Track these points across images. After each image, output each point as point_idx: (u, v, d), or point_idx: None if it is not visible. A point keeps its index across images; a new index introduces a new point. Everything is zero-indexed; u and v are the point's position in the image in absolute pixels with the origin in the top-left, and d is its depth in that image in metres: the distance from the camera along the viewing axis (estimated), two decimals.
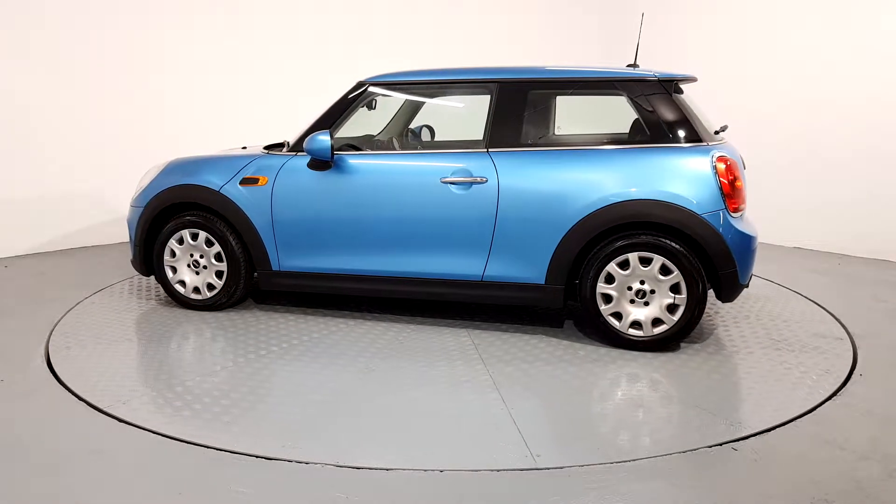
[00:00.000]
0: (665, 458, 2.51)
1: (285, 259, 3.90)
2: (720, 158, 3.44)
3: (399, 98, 4.32)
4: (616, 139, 3.94)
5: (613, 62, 6.49)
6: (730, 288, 3.48)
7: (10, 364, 3.32)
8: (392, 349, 3.58)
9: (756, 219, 4.03)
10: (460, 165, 3.63)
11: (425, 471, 2.40)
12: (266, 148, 4.08)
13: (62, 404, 2.90)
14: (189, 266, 4.08)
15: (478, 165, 3.61)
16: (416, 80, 3.92)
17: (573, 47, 7.88)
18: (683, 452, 2.54)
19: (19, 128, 5.41)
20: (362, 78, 4.24)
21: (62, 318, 4.00)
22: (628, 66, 4.09)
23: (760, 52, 6.59)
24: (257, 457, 2.48)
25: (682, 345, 3.64)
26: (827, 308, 4.37)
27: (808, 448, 2.58)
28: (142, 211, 4.05)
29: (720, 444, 2.60)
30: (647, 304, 3.50)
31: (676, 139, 3.53)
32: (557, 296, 3.61)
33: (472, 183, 3.59)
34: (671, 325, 3.48)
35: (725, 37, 6.89)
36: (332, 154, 3.66)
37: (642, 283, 3.48)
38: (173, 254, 4.07)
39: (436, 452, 2.53)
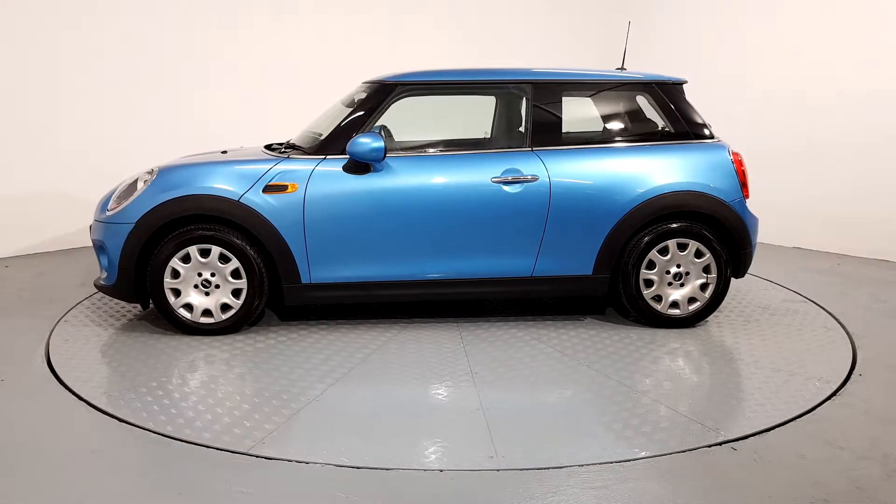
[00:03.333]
0: (665, 458, 2.51)
1: (318, 270, 3.64)
2: (734, 152, 3.93)
3: (429, 98, 4.17)
4: (644, 136, 4.00)
5: (609, 63, 6.49)
6: (745, 265, 3.96)
7: (10, 364, 3.32)
8: (471, 355, 3.48)
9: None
10: (509, 165, 3.69)
11: (425, 470, 2.40)
12: (266, 148, 4.05)
13: (62, 404, 2.90)
14: (196, 287, 3.63)
15: (526, 164, 3.70)
16: (446, 80, 3.90)
17: (573, 48, 7.88)
18: (683, 452, 2.54)
19: (19, 127, 5.41)
20: (366, 78, 4.22)
21: (62, 318, 3.99)
22: (617, 69, 4.25)
23: (760, 52, 6.59)
24: (257, 457, 2.48)
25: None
26: (826, 308, 4.37)
27: (808, 448, 2.58)
28: (131, 228, 3.52)
29: (720, 444, 2.60)
30: (682, 285, 3.87)
31: (696, 136, 3.96)
32: (603, 285, 3.85)
33: (523, 182, 3.66)
34: (704, 302, 3.89)
35: (725, 37, 6.89)
36: (385, 156, 3.54)
37: (678, 266, 3.83)
38: (176, 274, 3.58)
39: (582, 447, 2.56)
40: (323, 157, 3.65)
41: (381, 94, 3.77)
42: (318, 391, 3.05)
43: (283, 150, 3.91)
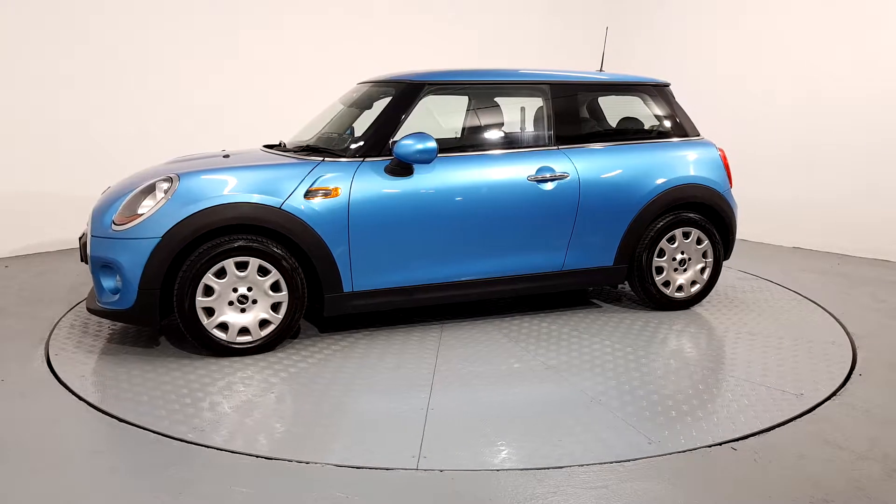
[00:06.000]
0: (665, 458, 2.51)
1: (361, 278, 3.50)
2: (719, 148, 4.32)
3: (453, 97, 4.17)
4: (646, 134, 4.30)
5: (610, 65, 6.48)
6: (731, 248, 4.35)
7: (10, 364, 3.32)
8: (530, 350, 3.55)
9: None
10: (542, 163, 3.81)
11: (425, 470, 2.40)
12: (265, 147, 4.04)
13: (62, 404, 2.90)
14: (231, 303, 3.33)
15: (556, 162, 3.84)
16: (470, 80, 3.96)
17: (572, 48, 7.88)
18: (683, 452, 2.54)
19: (19, 127, 5.41)
20: (362, 79, 4.22)
21: (62, 318, 3.99)
22: (597, 72, 4.46)
23: (759, 52, 6.59)
24: (257, 457, 2.48)
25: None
26: (826, 308, 4.37)
27: (808, 448, 2.58)
28: (156, 243, 3.16)
29: (720, 444, 2.60)
30: (685, 270, 4.20)
31: (688, 134, 4.32)
32: (622, 274, 4.10)
33: (556, 179, 3.79)
34: (703, 284, 4.25)
35: (726, 38, 6.89)
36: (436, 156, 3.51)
37: (682, 253, 4.15)
38: (209, 291, 3.28)
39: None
40: (361, 159, 3.52)
41: (412, 93, 3.70)
42: (421, 401, 2.95)
43: (302, 152, 3.75)
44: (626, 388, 3.11)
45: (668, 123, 4.29)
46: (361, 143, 3.61)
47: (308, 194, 3.35)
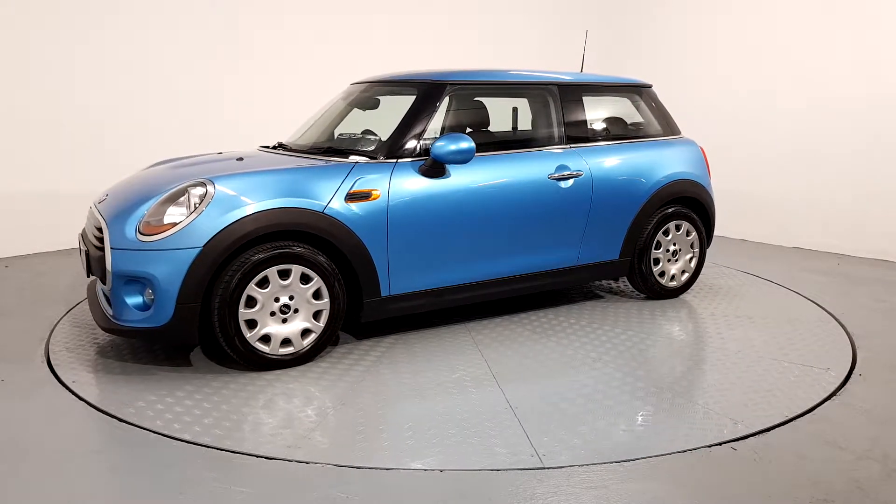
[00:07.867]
0: (665, 457, 2.51)
1: (399, 281, 3.45)
2: (700, 147, 4.62)
3: (474, 97, 4.14)
4: (640, 132, 4.49)
5: (611, 66, 6.49)
6: (711, 238, 4.68)
7: (10, 364, 3.32)
8: (567, 345, 3.64)
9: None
10: (559, 162, 3.93)
11: (425, 470, 2.40)
12: (262, 148, 4.03)
13: (62, 404, 2.90)
14: (273, 314, 3.17)
15: (571, 160, 3.98)
16: (487, 81, 3.97)
17: (571, 48, 7.88)
18: (683, 452, 2.54)
19: (19, 127, 5.41)
20: (356, 79, 4.22)
21: (62, 318, 3.99)
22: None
23: (760, 52, 6.59)
24: (257, 456, 2.48)
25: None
26: (827, 308, 4.37)
27: (808, 448, 2.58)
28: (197, 253, 2.94)
29: (720, 444, 2.60)
30: (677, 260, 4.47)
31: (673, 133, 4.58)
32: (626, 267, 4.29)
33: (572, 177, 3.92)
34: (691, 273, 4.55)
35: (726, 38, 6.90)
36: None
37: (675, 244, 4.41)
38: (252, 302, 3.12)
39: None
40: (395, 160, 3.45)
41: (436, 93, 3.68)
42: (499, 399, 2.95)
43: (319, 153, 3.66)
44: (679, 373, 3.25)
45: (655, 122, 4.52)
46: (392, 143, 3.52)
47: (349, 197, 3.26)
